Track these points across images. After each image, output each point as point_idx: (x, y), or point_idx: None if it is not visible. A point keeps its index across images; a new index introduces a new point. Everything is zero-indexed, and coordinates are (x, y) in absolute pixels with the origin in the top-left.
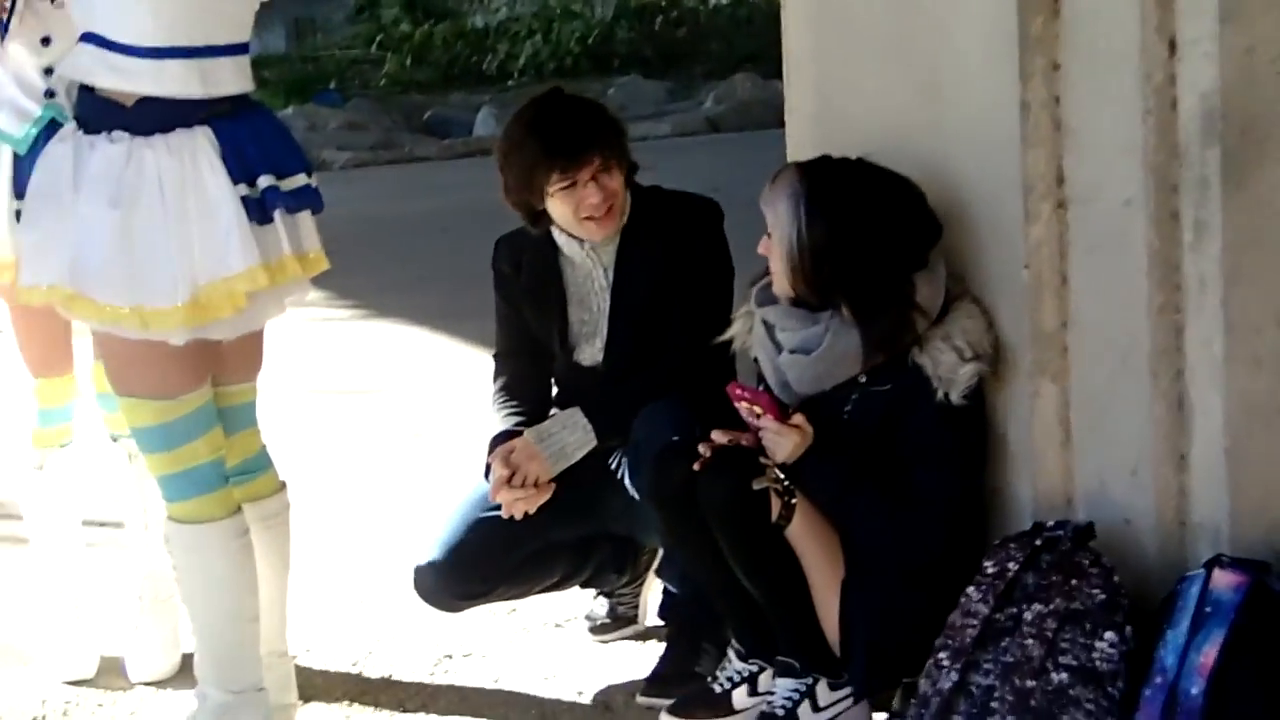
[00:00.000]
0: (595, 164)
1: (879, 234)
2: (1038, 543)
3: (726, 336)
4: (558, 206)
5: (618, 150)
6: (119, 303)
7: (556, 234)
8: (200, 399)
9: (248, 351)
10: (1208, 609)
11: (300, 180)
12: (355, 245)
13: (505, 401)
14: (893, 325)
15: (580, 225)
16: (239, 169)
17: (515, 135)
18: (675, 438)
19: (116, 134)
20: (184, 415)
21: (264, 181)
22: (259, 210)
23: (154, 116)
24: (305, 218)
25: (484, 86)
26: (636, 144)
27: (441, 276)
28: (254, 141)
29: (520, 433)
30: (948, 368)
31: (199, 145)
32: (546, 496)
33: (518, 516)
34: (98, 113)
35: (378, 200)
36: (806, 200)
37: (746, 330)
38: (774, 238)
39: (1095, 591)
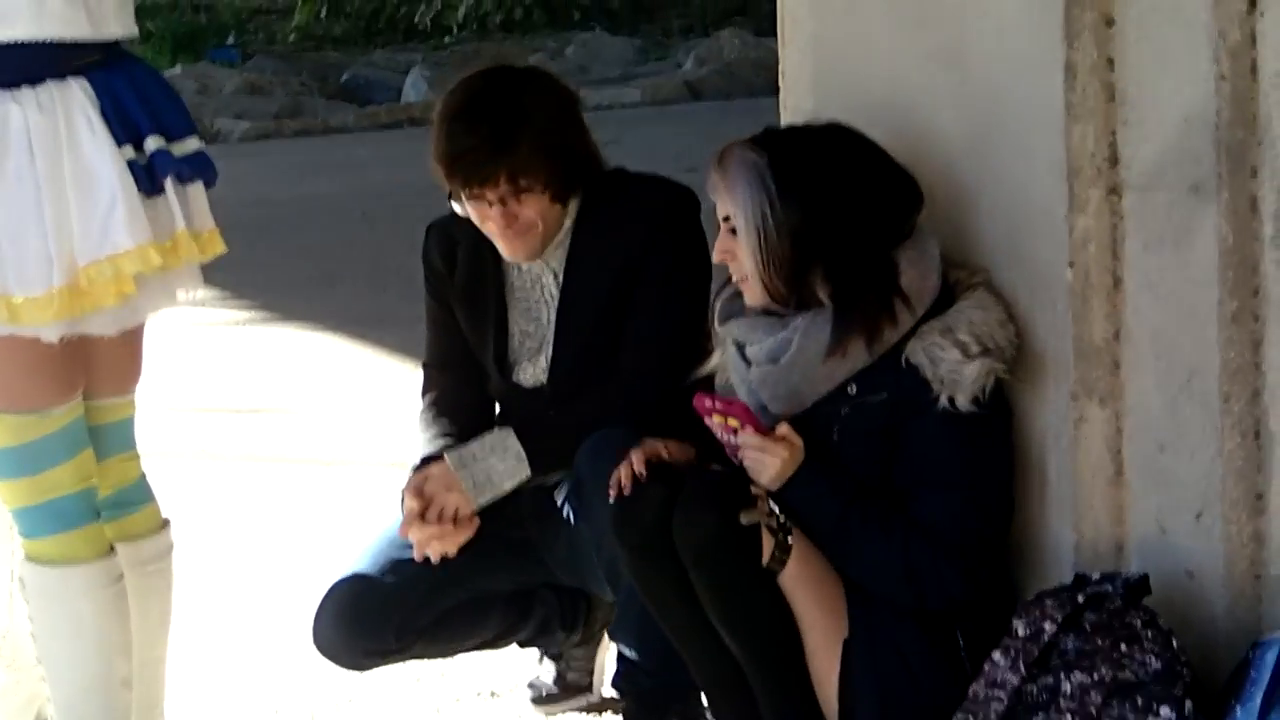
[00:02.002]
0: (500, 188)
1: (861, 203)
2: (1080, 599)
3: (708, 370)
4: (470, 213)
5: (539, 169)
6: None
7: None
8: (69, 415)
9: (124, 356)
10: None
11: (192, 145)
12: (255, 234)
13: (434, 420)
14: (873, 308)
15: (492, 238)
16: (122, 129)
17: (437, 115)
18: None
19: None
20: (49, 434)
21: (152, 144)
22: (147, 178)
23: (18, 64)
24: (197, 190)
25: (414, 43)
26: (600, 113)
27: (359, 273)
28: (135, 96)
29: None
30: (949, 366)
31: (74, 100)
32: (467, 535)
33: (433, 559)
34: None
35: (282, 179)
36: (774, 175)
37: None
38: (739, 229)
39: (1150, 659)
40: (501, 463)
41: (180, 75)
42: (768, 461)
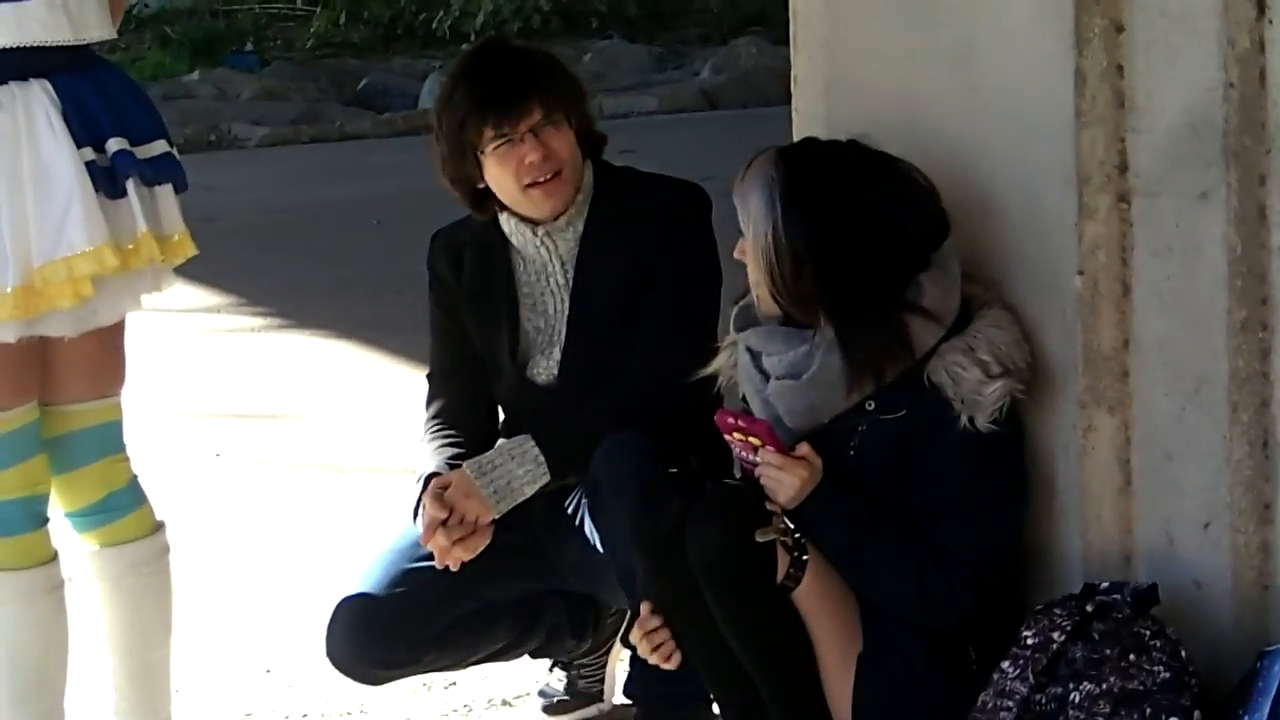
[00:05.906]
0: (535, 116)
1: (869, 233)
2: (1089, 609)
3: (709, 371)
4: (496, 173)
5: (565, 102)
6: None
7: (505, 221)
8: (20, 419)
9: (101, 359)
10: None
11: (159, 148)
12: (269, 240)
13: (440, 430)
14: (882, 341)
15: (524, 196)
16: (83, 131)
17: (446, 89)
18: (673, 470)
19: None
20: None
21: (114, 145)
22: (108, 180)
23: None
24: (166, 193)
25: (433, 50)
26: (617, 121)
27: (372, 280)
28: (100, 99)
29: (458, 467)
30: (971, 386)
31: (35, 100)
32: (487, 541)
33: (453, 566)
34: None
35: (298, 185)
36: (783, 192)
37: (731, 364)
38: (748, 238)
39: (1158, 669)
40: (521, 468)
41: (198, 81)
42: (786, 481)
